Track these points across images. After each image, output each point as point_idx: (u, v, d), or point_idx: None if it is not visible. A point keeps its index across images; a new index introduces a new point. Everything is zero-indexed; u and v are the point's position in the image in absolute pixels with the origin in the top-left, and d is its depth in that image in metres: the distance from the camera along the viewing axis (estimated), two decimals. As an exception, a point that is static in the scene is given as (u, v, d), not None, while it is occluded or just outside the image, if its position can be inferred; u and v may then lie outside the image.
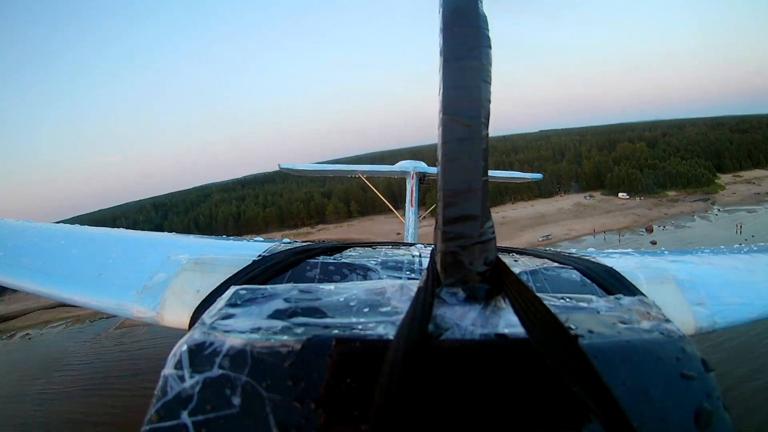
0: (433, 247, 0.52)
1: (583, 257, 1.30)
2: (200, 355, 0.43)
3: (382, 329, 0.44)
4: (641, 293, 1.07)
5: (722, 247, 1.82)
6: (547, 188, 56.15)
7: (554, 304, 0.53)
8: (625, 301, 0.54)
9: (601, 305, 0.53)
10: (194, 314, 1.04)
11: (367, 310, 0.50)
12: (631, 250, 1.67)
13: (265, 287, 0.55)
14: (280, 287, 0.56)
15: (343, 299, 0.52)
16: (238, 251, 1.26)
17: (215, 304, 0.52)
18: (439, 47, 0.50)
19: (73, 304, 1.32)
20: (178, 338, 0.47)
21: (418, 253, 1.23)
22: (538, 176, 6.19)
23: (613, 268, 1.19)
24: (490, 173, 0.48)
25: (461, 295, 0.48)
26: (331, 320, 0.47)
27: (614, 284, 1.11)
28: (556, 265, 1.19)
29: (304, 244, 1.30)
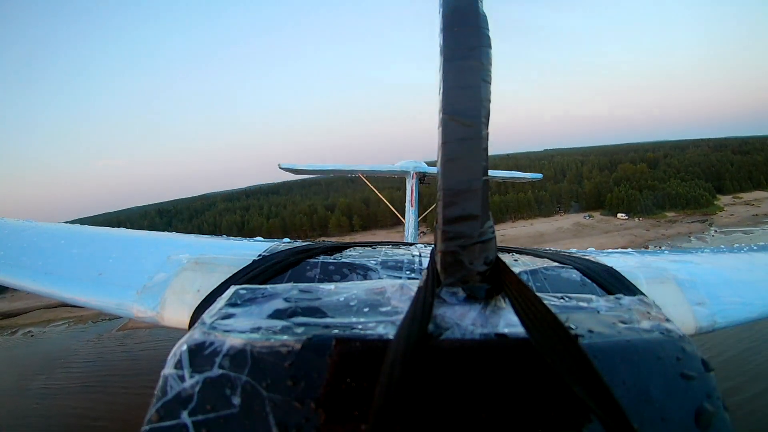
0: (433, 246, 0.52)
1: (583, 257, 1.30)
2: (200, 354, 0.43)
3: (382, 329, 0.44)
4: (641, 293, 1.07)
5: (722, 246, 1.81)
6: (547, 207, 56.74)
7: (554, 303, 0.53)
8: (625, 300, 0.54)
9: (601, 305, 0.53)
10: (194, 314, 1.05)
11: (367, 309, 0.50)
12: (631, 249, 1.66)
13: (265, 287, 0.55)
14: (280, 287, 0.56)
15: (343, 299, 0.52)
16: (238, 251, 1.26)
17: (215, 303, 0.52)
18: (439, 47, 0.50)
19: (73, 303, 1.32)
20: (179, 339, 0.47)
21: (418, 252, 1.23)
22: (538, 176, 6.10)
23: (613, 267, 1.18)
24: (490, 173, 0.49)
25: (461, 294, 0.48)
26: (331, 320, 0.47)
27: (614, 284, 1.10)
28: (556, 264, 1.18)
29: (304, 243, 1.31)
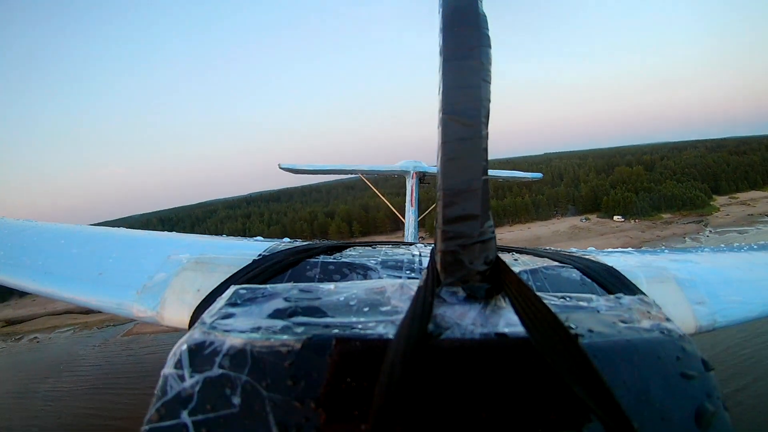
0: (433, 246, 0.52)
1: (583, 256, 1.29)
2: (200, 354, 0.43)
3: (382, 329, 0.44)
4: (641, 292, 1.08)
5: (722, 245, 1.81)
6: (544, 211, 57.36)
7: (554, 303, 0.53)
8: (625, 300, 0.55)
9: (601, 304, 0.53)
10: (194, 314, 1.05)
11: (367, 309, 0.50)
12: (631, 249, 1.66)
13: (265, 287, 0.56)
14: (280, 287, 0.56)
15: (343, 299, 0.52)
16: (238, 251, 1.26)
17: (215, 303, 0.52)
18: (439, 47, 0.50)
19: (73, 303, 1.32)
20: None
21: (418, 252, 1.23)
22: (538, 176, 6.09)
23: (613, 267, 1.18)
24: (490, 173, 0.48)
25: (461, 294, 0.48)
26: (331, 320, 0.47)
27: (614, 283, 1.11)
28: (556, 264, 1.18)
29: (304, 243, 1.31)
